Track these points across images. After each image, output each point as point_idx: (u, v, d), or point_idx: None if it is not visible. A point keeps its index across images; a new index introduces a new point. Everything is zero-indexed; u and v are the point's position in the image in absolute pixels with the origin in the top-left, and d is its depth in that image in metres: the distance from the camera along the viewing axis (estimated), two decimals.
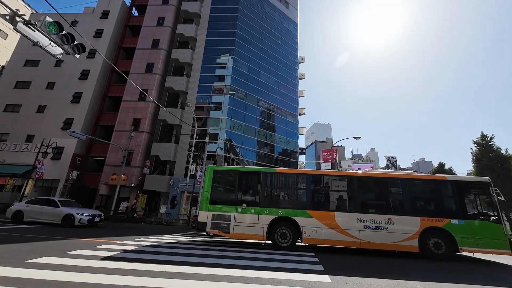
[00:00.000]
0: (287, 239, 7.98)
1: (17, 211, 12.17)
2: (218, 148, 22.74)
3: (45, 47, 6.04)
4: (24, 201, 13.28)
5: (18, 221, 11.86)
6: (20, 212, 12.12)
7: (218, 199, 8.71)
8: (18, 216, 12.02)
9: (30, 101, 24.01)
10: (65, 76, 24.60)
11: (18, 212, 12.14)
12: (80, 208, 13.08)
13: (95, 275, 4.13)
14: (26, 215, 12.00)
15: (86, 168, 22.56)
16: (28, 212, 12.05)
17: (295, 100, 33.08)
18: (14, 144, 22.26)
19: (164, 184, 21.48)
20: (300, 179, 9.18)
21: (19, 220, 11.90)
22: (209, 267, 5.08)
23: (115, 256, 5.68)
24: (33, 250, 6.01)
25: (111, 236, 9.07)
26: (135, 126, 22.34)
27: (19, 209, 12.22)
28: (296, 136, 31.31)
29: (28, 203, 12.63)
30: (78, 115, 23.22)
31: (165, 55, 25.97)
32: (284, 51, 33.73)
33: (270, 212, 8.21)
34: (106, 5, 27.72)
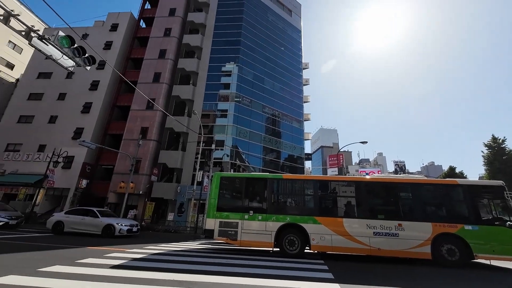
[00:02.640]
0: (295, 246, 7.86)
1: (57, 221, 11.96)
2: (225, 155, 22.84)
3: (58, 60, 6.29)
4: (64, 212, 13.10)
5: (59, 232, 11.73)
6: (60, 222, 11.93)
7: (225, 206, 8.69)
8: (58, 226, 11.84)
9: (43, 112, 24.78)
10: (76, 87, 25.39)
11: (58, 222, 11.94)
12: (118, 218, 13.06)
13: (104, 284, 4.17)
14: (67, 225, 11.81)
15: (96, 177, 22.93)
16: (68, 222, 11.88)
17: (300, 106, 33.12)
18: (26, 154, 22.90)
19: (172, 192, 21.60)
20: (307, 185, 9.10)
21: (60, 231, 11.75)
22: (216, 275, 5.04)
23: (124, 265, 5.71)
24: (45, 258, 6.11)
25: (120, 244, 9.13)
26: (143, 135, 22.71)
27: (59, 220, 12.01)
28: (302, 142, 31.20)
29: (68, 214, 12.48)
30: (88, 124, 23.80)
31: (171, 65, 26.56)
32: (289, 57, 34.04)
33: (277, 219, 8.14)
34: (115, 19, 28.73)
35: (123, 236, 11.58)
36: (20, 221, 13.67)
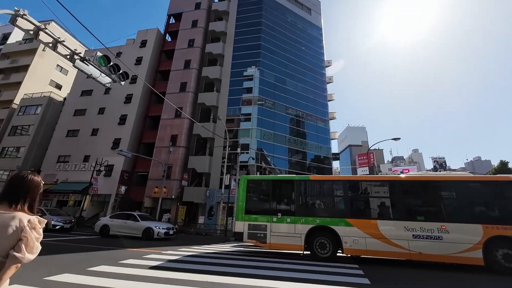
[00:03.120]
0: (326, 250, 7.61)
1: (104, 225, 12.78)
2: (250, 158, 23.06)
3: (97, 78, 6.95)
4: (108, 216, 14.01)
5: (105, 235, 12.50)
6: (106, 226, 12.71)
7: (253, 209, 8.74)
8: (104, 230, 12.63)
9: (86, 126, 27.46)
10: (112, 102, 27.73)
11: (105, 226, 12.73)
12: (156, 221, 13.84)
13: (144, 284, 4.45)
14: (112, 229, 12.54)
15: (133, 183, 24.66)
16: (113, 226, 12.60)
17: (325, 104, 32.22)
18: (74, 164, 25.52)
19: (201, 196, 22.36)
20: (336, 185, 8.78)
21: (106, 234, 12.49)
22: (248, 278, 5.08)
23: (161, 266, 6.04)
24: (93, 259, 6.71)
25: (156, 246, 9.67)
26: (173, 142, 23.94)
27: (105, 224, 12.83)
28: (328, 142, 30.24)
29: (112, 218, 13.27)
30: (124, 135, 25.79)
31: (196, 74, 27.71)
32: (310, 56, 33.44)
33: (306, 221, 7.97)
34: (144, 35, 30.91)
35: (161, 238, 12.08)
36: (72, 225, 15.21)
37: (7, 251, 1.31)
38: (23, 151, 27.29)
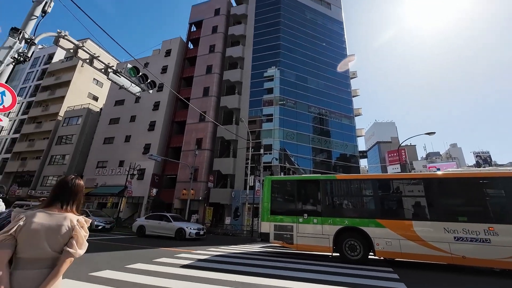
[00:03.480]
0: (357, 252, 7.29)
1: (140, 225, 13.52)
2: (273, 158, 23.00)
3: (128, 88, 7.45)
4: (144, 217, 14.74)
5: (142, 235, 13.20)
6: (142, 226, 13.41)
7: (279, 210, 8.70)
8: (141, 230, 13.35)
9: (120, 133, 29.60)
10: (142, 109, 29.55)
11: (141, 226, 13.44)
12: (187, 222, 14.51)
13: (177, 281, 4.67)
14: (147, 229, 13.19)
15: (163, 185, 25.99)
16: (148, 226, 13.25)
17: (349, 101, 31.00)
18: (111, 169, 27.63)
19: (227, 197, 22.82)
20: (365, 185, 8.40)
21: (142, 234, 13.18)
22: (276, 279, 5.07)
23: (191, 265, 6.28)
24: (130, 257, 7.20)
25: (186, 246, 10.07)
26: (198, 145, 24.80)
27: (141, 224, 13.55)
28: (354, 139, 29.00)
29: (147, 219, 13.94)
30: (154, 140, 27.31)
31: (218, 78, 28.44)
32: (332, 52, 32.45)
33: (334, 222, 7.73)
34: (168, 45, 32.52)
35: (192, 238, 12.44)
36: (112, 226, 16.43)
37: (61, 247, 1.47)
38: (68, 158, 30.22)
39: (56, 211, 1.55)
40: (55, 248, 1.45)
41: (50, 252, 1.44)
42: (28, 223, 1.43)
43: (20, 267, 1.39)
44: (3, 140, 36.51)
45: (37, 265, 1.41)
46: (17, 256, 1.39)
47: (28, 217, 1.46)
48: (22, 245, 1.40)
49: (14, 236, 1.40)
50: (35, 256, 1.41)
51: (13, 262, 1.39)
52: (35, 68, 40.92)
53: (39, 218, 1.47)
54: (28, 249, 1.41)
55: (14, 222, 1.43)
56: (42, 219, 1.47)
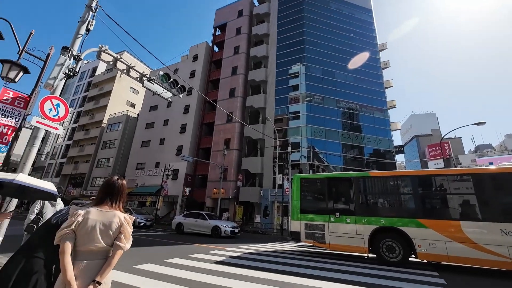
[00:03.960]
0: (395, 253, 6.83)
1: (179, 223, 14.14)
2: (302, 156, 22.61)
3: (160, 94, 7.94)
4: (182, 215, 15.31)
5: (180, 232, 13.85)
6: (180, 224, 14.02)
7: (309, 208, 8.54)
8: (179, 227, 13.98)
9: (155, 137, 31.70)
10: (174, 113, 31.25)
11: (179, 224, 14.06)
12: (221, 220, 15.05)
13: (211, 277, 4.86)
14: (185, 227, 13.78)
15: (195, 185, 27.21)
16: (186, 224, 13.84)
17: (381, 93, 29.06)
18: (148, 170, 29.75)
19: (256, 195, 23.06)
20: (403, 182, 7.82)
21: (181, 231, 13.82)
22: (309, 278, 5.00)
23: (224, 261, 6.49)
24: (168, 252, 7.69)
25: (219, 243, 10.43)
26: (226, 145, 25.44)
27: (180, 222, 14.17)
28: (389, 133, 27.11)
29: (185, 217, 14.50)
30: (185, 142, 28.73)
31: (243, 79, 28.83)
32: (360, 43, 30.73)
33: (369, 222, 7.34)
34: (195, 50, 33.89)
35: (227, 236, 12.70)
36: (152, 223, 17.63)
37: (112, 241, 1.64)
38: (112, 161, 33.27)
39: (107, 208, 1.73)
40: (107, 241, 1.63)
41: (103, 245, 1.62)
42: (85, 219, 1.63)
43: (79, 258, 1.58)
44: (60, 146, 41.53)
45: (92, 256, 1.60)
46: (77, 249, 1.59)
47: (85, 214, 1.65)
48: (80, 238, 1.60)
49: (73, 231, 1.60)
50: (91, 248, 1.60)
51: (72, 253, 1.58)
52: (82, 81, 45.74)
53: (93, 215, 1.66)
54: (85, 242, 1.60)
55: (73, 218, 1.63)
56: (95, 216, 1.66)
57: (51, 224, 1.94)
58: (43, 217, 3.88)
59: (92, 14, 5.41)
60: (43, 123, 4.42)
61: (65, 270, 1.49)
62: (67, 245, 1.55)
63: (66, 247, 1.54)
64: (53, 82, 4.61)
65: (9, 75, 5.08)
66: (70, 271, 1.49)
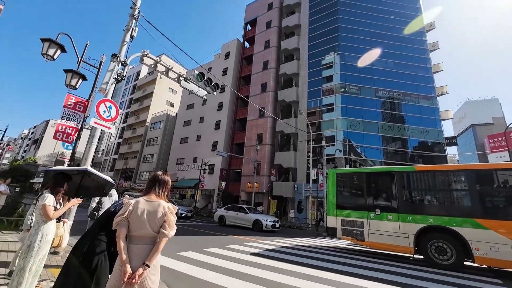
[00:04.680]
0: (447, 256, 6.17)
1: (221, 216, 14.39)
2: (337, 150, 21.67)
3: (196, 92, 8.34)
4: (223, 208, 15.37)
5: (223, 224, 14.08)
6: (222, 216, 14.26)
7: (346, 204, 8.20)
8: (222, 220, 14.24)
9: (192, 134, 33.54)
10: (209, 111, 32.58)
11: (221, 216, 14.31)
12: (262, 214, 15.15)
13: (247, 267, 5.03)
14: (227, 219, 13.95)
15: (230, 179, 28.17)
16: (228, 217, 14.03)
17: (429, 78, 26.04)
18: (187, 165, 31.71)
19: (289, 190, 22.92)
20: (457, 177, 6.98)
21: (223, 223, 14.05)
22: (347, 276, 4.84)
23: (259, 253, 6.64)
24: (207, 242, 8.16)
25: (253, 236, 10.68)
26: (259, 140, 25.68)
27: (222, 214, 14.38)
28: (438, 123, 24.23)
29: (226, 210, 14.64)
30: (220, 138, 29.82)
31: (274, 73, 28.58)
32: (402, 24, 27.83)
33: (414, 220, 6.75)
34: (227, 48, 34.63)
35: (268, 230, 12.54)
36: (192, 214, 18.83)
37: (158, 228, 1.81)
38: (155, 157, 36.26)
39: (154, 198, 1.92)
40: (154, 228, 1.80)
41: (151, 231, 1.80)
42: (135, 208, 1.83)
43: (132, 242, 1.79)
44: (112, 144, 46.68)
45: (142, 241, 1.79)
46: (129, 234, 1.80)
47: (135, 203, 1.85)
48: (132, 225, 1.80)
49: (127, 218, 1.81)
50: (141, 234, 1.79)
51: (127, 238, 1.80)
52: (128, 85, 50.39)
53: (141, 204, 1.85)
54: (136, 228, 1.80)
55: (126, 207, 1.85)
56: (143, 205, 1.85)
57: (109, 212, 2.22)
58: (102, 205, 4.44)
59: (135, 22, 5.90)
60: (99, 123, 5.01)
61: (120, 252, 1.71)
62: (121, 231, 1.77)
63: (121, 232, 1.76)
64: (105, 87, 5.18)
65: (71, 83, 5.86)
66: (124, 253, 1.71)
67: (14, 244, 5.24)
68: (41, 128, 67.61)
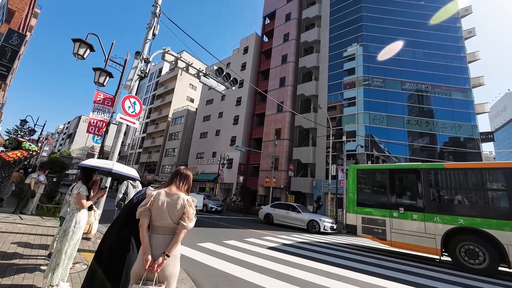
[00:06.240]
0: (479, 260, 5.76)
1: (267, 214, 13.48)
2: (358, 146, 20.90)
3: (215, 88, 8.45)
4: (269, 205, 14.42)
5: (269, 223, 13.18)
6: (269, 215, 13.32)
7: (367, 201, 7.93)
8: (268, 218, 13.33)
9: (211, 128, 34.19)
10: (227, 106, 32.93)
11: (268, 215, 13.40)
12: (315, 213, 14.13)
13: (264, 261, 5.08)
14: (275, 218, 13.02)
15: (248, 174, 28.44)
16: (276, 215, 13.04)
17: (463, 69, 23.98)
18: (206, 159, 32.49)
19: (308, 186, 22.64)
20: (494, 176, 6.42)
21: (270, 222, 13.16)
22: (368, 275, 4.71)
23: (277, 248, 6.68)
24: (225, 234, 8.36)
25: (270, 230, 10.75)
26: (277, 135, 25.52)
27: (268, 213, 13.43)
28: (472, 117, 22.32)
29: (273, 207, 13.65)
30: (238, 133, 30.09)
31: (293, 67, 28.04)
32: (433, 10, 25.76)
33: (442, 220, 6.36)
34: (245, 43, 34.52)
35: (326, 232, 11.48)
36: (223, 208, 18.79)
37: (178, 219, 1.88)
38: (177, 151, 37.57)
39: (174, 190, 1.99)
40: (173, 219, 1.88)
41: (171, 222, 1.87)
42: (156, 199, 1.91)
43: (154, 231, 1.88)
44: (137, 138, 49.10)
45: (163, 231, 1.87)
46: (152, 223, 1.89)
47: (156, 195, 1.94)
48: (154, 215, 1.89)
49: (149, 208, 1.90)
50: (162, 224, 1.87)
51: (150, 227, 1.89)
52: (151, 82, 52.36)
53: (162, 195, 1.93)
54: (157, 218, 1.88)
55: (148, 198, 1.94)
56: (164, 197, 1.93)
57: (133, 203, 2.35)
58: (128, 196, 4.71)
59: (156, 20, 6.06)
60: (124, 118, 5.28)
61: (143, 241, 1.81)
62: (144, 220, 1.86)
63: (143, 222, 1.86)
64: (130, 83, 5.42)
65: (99, 80, 6.21)
66: (146, 242, 1.80)
67: (52, 229, 5.76)
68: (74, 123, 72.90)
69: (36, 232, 5.19)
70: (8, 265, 3.17)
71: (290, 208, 13.05)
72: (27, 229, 5.34)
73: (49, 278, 2.58)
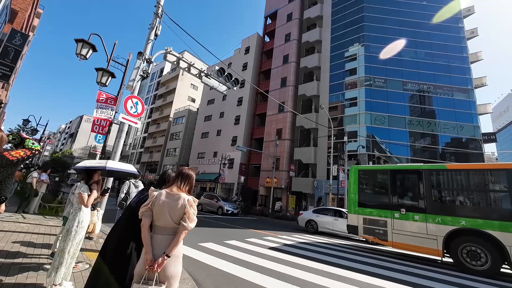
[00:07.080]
0: (481, 261, 5.75)
1: (309, 220, 11.97)
2: (359, 146, 20.86)
3: (216, 88, 8.46)
4: (311, 210, 12.98)
5: (314, 231, 11.50)
6: (312, 221, 11.80)
7: (368, 202, 7.92)
8: (311, 225, 11.78)
9: (212, 128, 34.23)
10: (228, 106, 32.96)
11: (310, 221, 11.89)
12: None
13: (265, 261, 5.09)
14: (320, 225, 11.51)
15: (249, 174, 28.45)
16: (321, 222, 11.57)
17: (465, 69, 23.86)
18: (207, 159, 32.53)
19: (309, 186, 22.62)
20: (496, 177, 6.40)
21: (314, 230, 11.52)
22: (369, 276, 4.71)
23: (278, 248, 6.68)
24: (226, 234, 8.37)
25: (274, 230, 10.75)
26: (278, 135, 25.53)
27: (311, 219, 11.91)
28: (475, 118, 22.20)
29: (316, 213, 12.21)
30: (239, 133, 30.11)
31: (294, 67, 28.03)
32: (435, 10, 25.68)
33: (444, 221, 6.35)
34: (247, 43, 34.53)
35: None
36: (239, 211, 17.93)
37: (178, 220, 1.89)
38: (178, 151, 37.63)
39: (175, 190, 2.00)
40: (174, 220, 1.88)
41: (172, 222, 1.88)
42: (158, 199, 1.92)
43: (155, 231, 1.89)
44: (139, 138, 49.22)
45: (165, 231, 1.88)
46: (154, 224, 1.91)
47: (157, 195, 1.95)
48: (156, 215, 1.90)
49: (151, 209, 1.91)
50: (163, 225, 1.88)
51: (152, 228, 1.90)
52: (153, 82, 52.47)
53: (163, 195, 1.94)
54: (159, 218, 1.89)
55: (150, 198, 1.95)
56: (165, 197, 1.94)
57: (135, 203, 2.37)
58: (130, 196, 4.73)
59: (158, 20, 6.08)
60: (127, 118, 5.30)
61: (144, 241, 1.83)
62: (145, 220, 1.88)
63: (145, 222, 1.87)
64: (132, 84, 5.44)
65: (102, 80, 6.24)
66: (148, 242, 1.81)
67: (55, 228, 5.80)
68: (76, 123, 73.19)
69: (39, 231, 5.23)
70: (12, 264, 3.19)
71: (337, 213, 11.43)
72: (30, 228, 5.38)
73: (52, 277, 2.61)
